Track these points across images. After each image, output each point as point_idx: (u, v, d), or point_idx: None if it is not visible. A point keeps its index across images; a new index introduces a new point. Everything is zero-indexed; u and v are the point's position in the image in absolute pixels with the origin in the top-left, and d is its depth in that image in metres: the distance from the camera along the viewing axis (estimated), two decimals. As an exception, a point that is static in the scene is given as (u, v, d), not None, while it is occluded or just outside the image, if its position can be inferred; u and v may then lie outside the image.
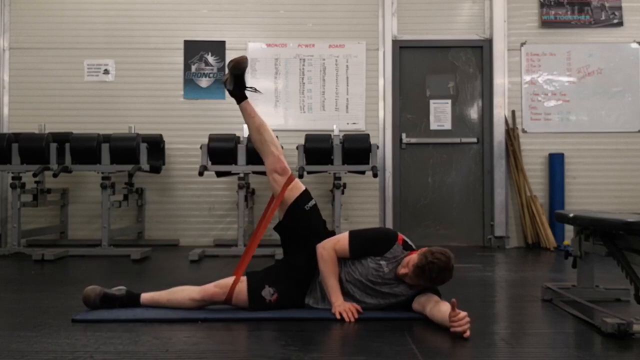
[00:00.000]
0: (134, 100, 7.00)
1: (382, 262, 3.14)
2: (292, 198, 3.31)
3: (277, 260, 3.49)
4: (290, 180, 3.33)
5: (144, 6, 7.07)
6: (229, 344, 2.81)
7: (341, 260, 3.19)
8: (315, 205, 3.38)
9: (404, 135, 7.02)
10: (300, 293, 3.26)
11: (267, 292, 3.17)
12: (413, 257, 3.06)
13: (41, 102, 6.98)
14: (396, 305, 3.17)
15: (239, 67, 3.37)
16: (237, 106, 3.47)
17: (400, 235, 3.24)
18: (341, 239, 3.21)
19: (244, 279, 3.21)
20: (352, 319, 3.02)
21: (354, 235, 3.22)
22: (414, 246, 3.22)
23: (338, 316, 3.04)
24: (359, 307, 3.10)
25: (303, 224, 3.32)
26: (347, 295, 3.17)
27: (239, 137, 6.16)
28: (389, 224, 6.80)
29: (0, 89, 7.00)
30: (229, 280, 3.19)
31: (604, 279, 3.73)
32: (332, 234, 3.38)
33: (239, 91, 3.42)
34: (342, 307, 3.07)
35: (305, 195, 3.36)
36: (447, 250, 3.04)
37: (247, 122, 3.47)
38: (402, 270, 3.07)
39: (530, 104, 7.00)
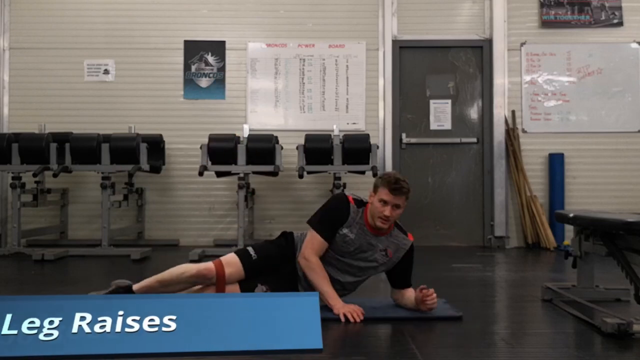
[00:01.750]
0: (134, 100, 6.99)
1: (345, 231, 3.18)
2: (239, 268, 3.23)
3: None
4: (219, 266, 3.20)
5: (144, 6, 7.07)
6: (229, 344, 2.80)
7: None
8: (254, 246, 3.36)
9: (404, 135, 7.02)
10: (292, 283, 3.27)
11: (260, 290, 3.20)
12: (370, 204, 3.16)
13: (41, 102, 6.97)
14: (375, 274, 3.30)
15: None
16: (237, 106, 3.49)
17: (349, 195, 3.28)
18: (310, 238, 3.22)
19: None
20: (358, 320, 3.03)
21: (314, 223, 3.24)
22: (364, 199, 3.26)
23: (343, 318, 3.04)
24: (362, 309, 3.09)
25: (269, 261, 3.29)
26: (331, 280, 3.20)
27: (239, 137, 6.15)
28: (389, 224, 6.79)
29: (0, 89, 7.00)
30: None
31: (604, 279, 3.73)
32: (286, 234, 3.39)
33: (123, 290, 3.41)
34: (346, 308, 3.08)
35: (243, 252, 3.30)
36: None
37: (154, 290, 3.35)
38: (381, 213, 3.10)
39: (530, 104, 6.99)
